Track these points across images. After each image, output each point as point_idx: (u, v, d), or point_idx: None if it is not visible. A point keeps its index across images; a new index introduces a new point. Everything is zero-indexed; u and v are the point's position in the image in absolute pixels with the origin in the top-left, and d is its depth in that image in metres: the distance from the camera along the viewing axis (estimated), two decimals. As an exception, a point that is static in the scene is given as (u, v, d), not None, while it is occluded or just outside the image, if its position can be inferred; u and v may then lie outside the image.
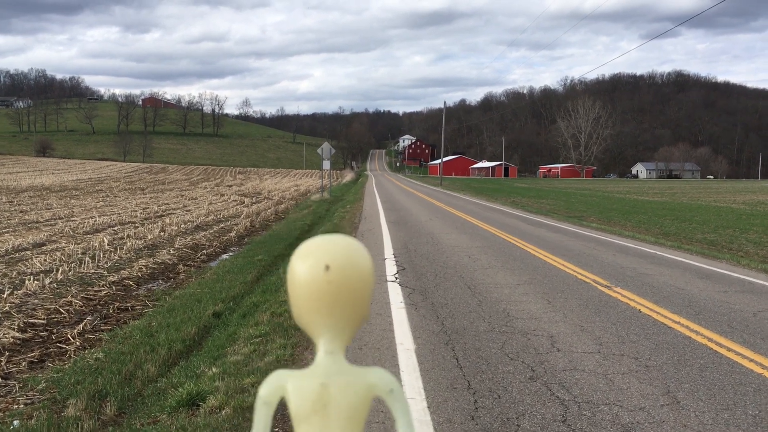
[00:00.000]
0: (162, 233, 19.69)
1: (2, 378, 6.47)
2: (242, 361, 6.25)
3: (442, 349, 6.45)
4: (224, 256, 16.77)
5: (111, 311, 10.00)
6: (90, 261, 13.90)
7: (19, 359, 7.19)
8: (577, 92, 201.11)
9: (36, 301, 10.26)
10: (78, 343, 8.02)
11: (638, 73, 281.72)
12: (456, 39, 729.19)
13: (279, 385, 0.82)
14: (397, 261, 12.53)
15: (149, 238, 18.28)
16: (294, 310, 0.83)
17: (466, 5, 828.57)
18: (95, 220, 23.70)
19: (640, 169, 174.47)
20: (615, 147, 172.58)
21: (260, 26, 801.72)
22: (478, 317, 7.80)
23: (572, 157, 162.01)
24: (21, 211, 27.55)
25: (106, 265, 13.77)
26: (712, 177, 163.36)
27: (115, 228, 21.41)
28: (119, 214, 27.28)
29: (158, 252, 16.18)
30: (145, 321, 8.89)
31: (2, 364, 6.88)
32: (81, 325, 8.75)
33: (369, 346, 6.58)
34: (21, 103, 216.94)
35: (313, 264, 0.80)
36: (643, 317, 7.80)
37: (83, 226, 21.36)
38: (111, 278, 12.43)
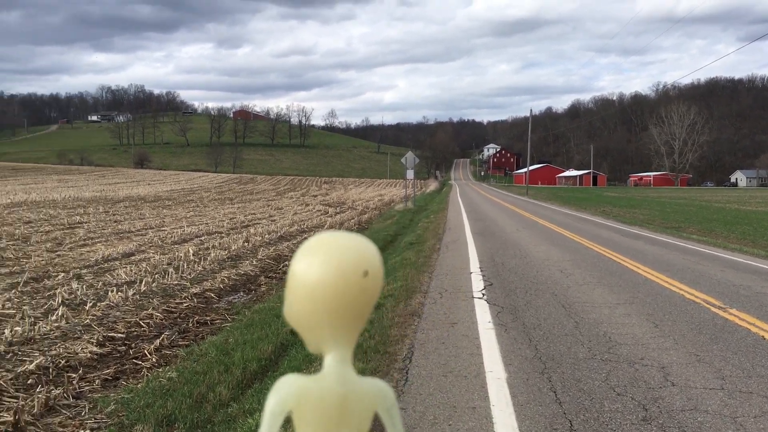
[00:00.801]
0: (246, 243, 19.71)
1: (73, 397, 6.26)
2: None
3: (537, 379, 5.78)
4: (306, 267, 16.53)
5: (190, 325, 9.81)
6: (174, 272, 13.91)
7: (94, 376, 7.00)
8: (671, 98, 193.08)
9: (118, 313, 10.21)
10: (154, 360, 7.79)
11: (737, 76, 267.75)
12: (542, 46, 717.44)
13: (291, 393, 0.76)
14: (483, 275, 11.86)
15: (233, 248, 18.29)
16: (307, 315, 0.76)
17: (552, 12, 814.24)
18: (183, 230, 24.08)
19: (739, 176, 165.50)
20: (712, 154, 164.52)
21: (346, 38, 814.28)
22: (575, 341, 7.06)
23: (665, 164, 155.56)
24: (115, 221, 28.41)
25: (189, 276, 13.73)
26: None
27: (202, 238, 21.64)
28: (207, 224, 27.70)
29: (241, 263, 16.10)
30: (222, 337, 8.60)
31: (75, 382, 6.68)
32: (158, 340, 8.56)
33: (455, 372, 5.99)
34: (121, 118, 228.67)
35: (349, 269, 0.75)
36: (770, 346, 6.85)
37: (171, 236, 21.70)
38: (193, 290, 12.33)
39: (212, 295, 12.19)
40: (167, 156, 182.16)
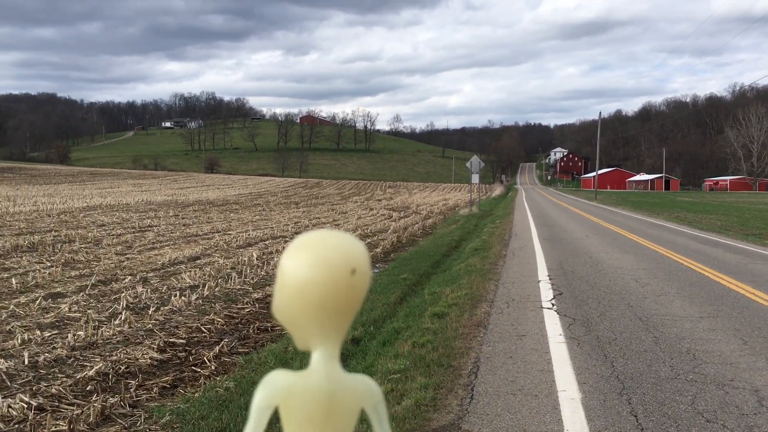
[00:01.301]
0: (309, 248, 19.65)
1: (130, 406, 6.14)
2: (377, 403, 5.49)
3: (616, 400, 5.32)
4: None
5: (250, 331, 9.67)
6: (236, 276, 13.89)
7: (152, 383, 6.89)
8: (748, 99, 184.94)
9: (180, 318, 10.18)
10: (213, 368, 7.65)
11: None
12: (612, 48, 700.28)
13: (278, 387, 0.78)
14: (552, 284, 11.33)
15: (296, 253, 18.25)
16: (295, 312, 0.77)
17: (623, 13, 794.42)
18: (248, 234, 24.27)
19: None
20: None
21: (412, 44, 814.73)
22: (656, 359, 6.54)
23: (743, 168, 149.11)
24: (184, 225, 28.94)
25: (252, 281, 13.68)
26: None
27: (267, 242, 21.72)
28: (272, 228, 27.89)
29: (304, 268, 16.01)
30: (281, 345, 8.41)
31: (133, 389, 6.58)
32: (218, 347, 8.43)
33: (525, 391, 5.59)
34: (193, 124, 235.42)
35: (338, 267, 0.76)
36: None
37: (237, 240, 21.87)
38: (255, 295, 12.24)
39: (274, 300, 12.08)
40: (236, 161, 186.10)
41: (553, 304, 9.44)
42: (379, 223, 31.67)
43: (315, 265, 0.76)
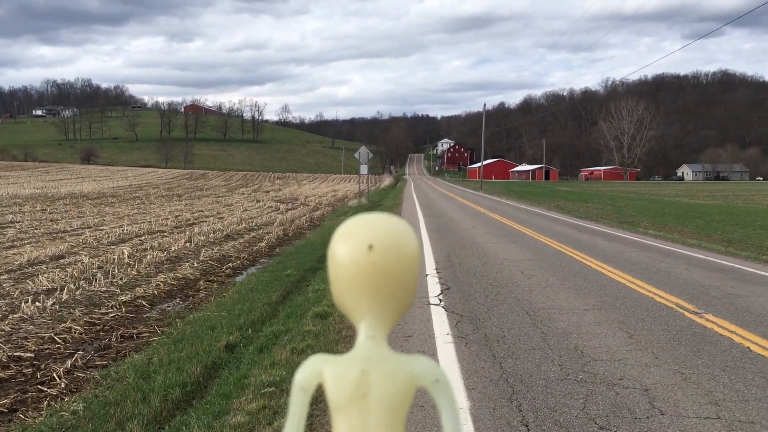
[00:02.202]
0: (188, 244, 18.52)
1: (-50, 441, 5.19)
2: (245, 425, 4.84)
3: (506, 408, 4.95)
4: (252, 269, 15.48)
5: (113, 340, 8.72)
6: (103, 277, 12.73)
7: (-15, 409, 5.92)
8: (619, 94, 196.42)
9: (31, 327, 9.05)
10: (63, 385, 6.72)
11: (682, 73, 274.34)
12: (495, 42, 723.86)
13: (316, 370, 0.77)
14: (440, 277, 11.04)
15: (173, 249, 17.11)
16: (335, 293, 0.78)
17: (505, 9, 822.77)
18: (123, 230, 22.71)
19: (685, 171, 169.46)
20: (659, 149, 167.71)
21: (300, 33, 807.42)
22: (545, 357, 6.27)
23: (615, 159, 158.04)
24: (51, 220, 26.79)
25: (120, 282, 12.57)
26: (761, 179, 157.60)
27: (142, 238, 20.35)
28: (150, 222, 26.32)
29: (181, 265, 14.97)
30: (146, 355, 7.56)
31: (-44, 419, 5.60)
32: (71, 360, 7.47)
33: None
34: (67, 112, 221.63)
35: (356, 244, 0.76)
36: (759, 359, 6.16)
37: (109, 237, 20.35)
38: (123, 297, 11.20)
39: (144, 303, 11.09)
40: (115, 152, 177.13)
41: (440, 300, 9.10)
42: (265, 216, 30.68)
43: (339, 245, 0.76)
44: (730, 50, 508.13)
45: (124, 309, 10.45)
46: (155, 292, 11.95)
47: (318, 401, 3.61)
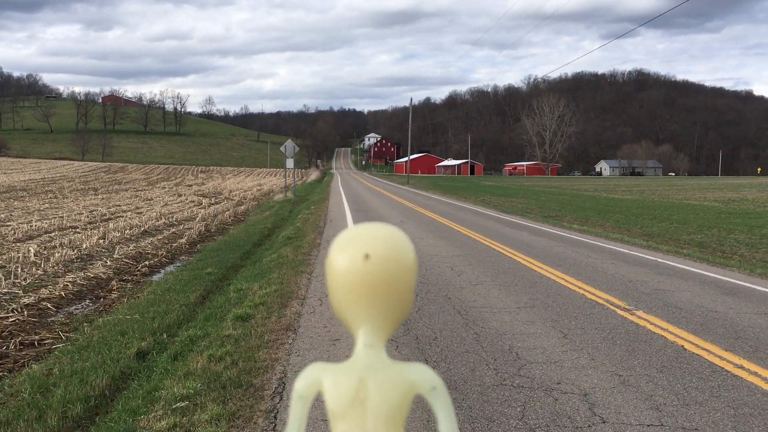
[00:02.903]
0: (102, 240, 17.49)
1: None
2: (153, 449, 4.32)
3: (441, 419, 4.60)
4: (170, 267, 14.70)
5: (11, 348, 7.94)
6: (4, 278, 11.74)
7: None
8: (541, 91, 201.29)
9: None
10: (-54, 403, 5.98)
11: (600, 71, 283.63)
12: (421, 38, 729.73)
13: (315, 378, 0.77)
14: (368, 275, 10.65)
15: (85, 246, 16.09)
16: (333, 302, 0.79)
17: (430, 5, 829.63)
18: (31, 225, 21.33)
19: (603, 166, 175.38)
20: (578, 145, 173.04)
21: (224, 24, 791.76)
22: (479, 361, 5.97)
23: (537, 155, 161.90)
24: (-49, 216, 24.98)
25: (24, 282, 11.62)
26: (673, 174, 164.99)
27: (52, 234, 19.12)
28: (62, 217, 24.88)
29: (92, 264, 14.05)
30: (46, 365, 6.87)
31: None
32: (-41, 374, 6.70)
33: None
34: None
35: (353, 253, 0.77)
36: (694, 359, 6.04)
37: (15, 233, 19.03)
38: (26, 300, 10.32)
39: (49, 305, 10.25)
40: (28, 143, 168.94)
41: (369, 300, 8.70)
42: (186, 211, 29.59)
43: (335, 254, 0.78)
44: (644, 50, 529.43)
45: (26, 313, 9.60)
46: (62, 293, 11.09)
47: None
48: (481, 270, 11.24)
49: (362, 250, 0.77)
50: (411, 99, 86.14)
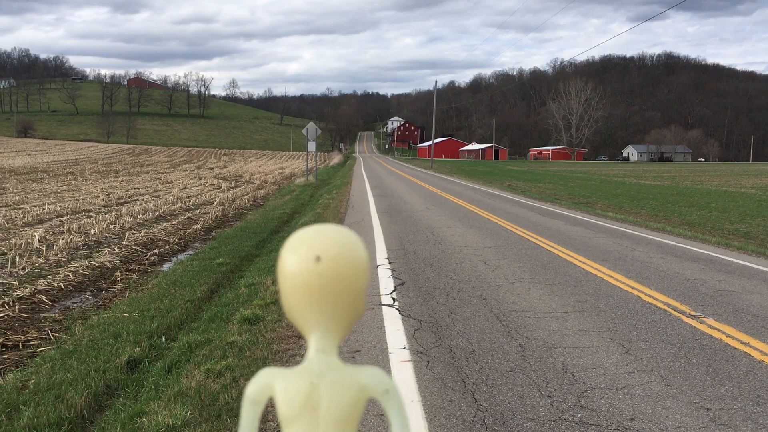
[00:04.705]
0: (113, 225, 16.67)
1: None
2: None
3: (488, 472, 3.59)
4: (181, 255, 13.80)
5: (-8, 350, 7.06)
6: (1, 266, 10.92)
7: None
8: (567, 74, 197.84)
9: None
10: None
11: (628, 54, 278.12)
12: (446, 21, 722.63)
13: (266, 383, 0.77)
14: (393, 269, 9.64)
15: (93, 232, 15.26)
16: (284, 304, 0.78)
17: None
18: (45, 209, 20.61)
19: (631, 151, 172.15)
20: (605, 129, 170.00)
21: (249, 7, 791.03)
22: (528, 384, 4.93)
23: (563, 139, 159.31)
24: (-36, 198, 24.41)
25: (22, 272, 10.79)
26: (702, 160, 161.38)
27: (63, 218, 18.35)
28: (77, 200, 24.19)
29: (99, 251, 13.19)
30: (22, 376, 5.96)
31: None
32: None
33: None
34: (3, 83, 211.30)
35: (303, 255, 0.76)
36: (794, 387, 4.94)
37: (26, 217, 18.29)
38: (20, 292, 9.47)
39: (45, 298, 9.38)
40: (54, 125, 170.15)
41: (394, 300, 7.70)
42: (205, 194, 28.78)
43: (286, 256, 0.77)
44: (674, 33, 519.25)
45: (17, 307, 8.75)
46: (62, 284, 10.23)
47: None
48: (517, 265, 10.15)
49: (313, 251, 0.75)
50: (435, 81, 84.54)
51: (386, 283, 8.65)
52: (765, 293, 8.30)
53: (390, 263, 10.15)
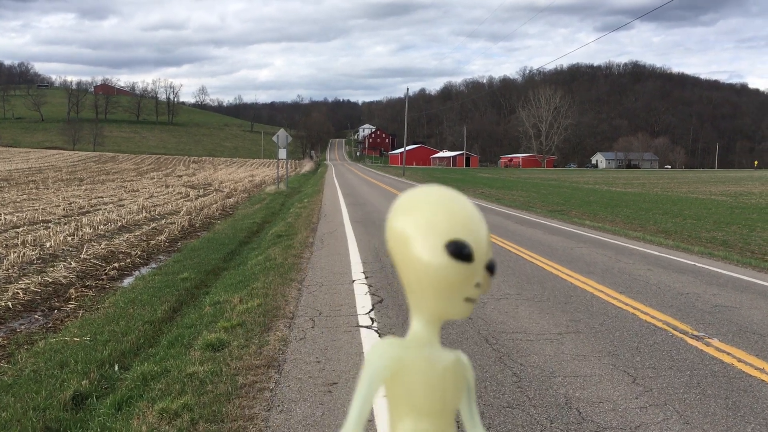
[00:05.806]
0: (71, 237, 15.78)
1: None
2: None
3: None
4: (144, 269, 13.01)
5: None
6: (-57, 285, 10.07)
7: None
8: (536, 83, 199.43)
9: None
10: None
11: (596, 63, 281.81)
12: (417, 30, 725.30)
13: (395, 356, 0.78)
14: (369, 285, 9.01)
15: (49, 244, 14.37)
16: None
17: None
18: (0, 220, 19.58)
19: (599, 158, 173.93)
20: (574, 137, 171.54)
21: (220, 14, 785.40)
22: (530, 423, 4.34)
23: (533, 146, 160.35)
24: None
25: (-33, 290, 9.94)
26: (669, 167, 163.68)
27: (19, 230, 17.38)
28: (36, 210, 23.15)
29: (55, 265, 12.35)
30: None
31: None
32: None
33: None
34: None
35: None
36: (826, 423, 4.43)
37: (-22, 228, 17.28)
38: (-38, 312, 8.65)
39: (-11, 320, 8.57)
40: (18, 132, 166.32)
41: (372, 320, 7.06)
42: (172, 203, 27.85)
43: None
44: (640, 43, 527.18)
45: (-43, 330, 7.93)
46: (9, 303, 9.41)
47: None
48: (501, 279, 9.58)
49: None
50: (407, 89, 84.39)
51: (363, 300, 8.01)
52: (764, 309, 7.84)
53: (366, 278, 9.51)
